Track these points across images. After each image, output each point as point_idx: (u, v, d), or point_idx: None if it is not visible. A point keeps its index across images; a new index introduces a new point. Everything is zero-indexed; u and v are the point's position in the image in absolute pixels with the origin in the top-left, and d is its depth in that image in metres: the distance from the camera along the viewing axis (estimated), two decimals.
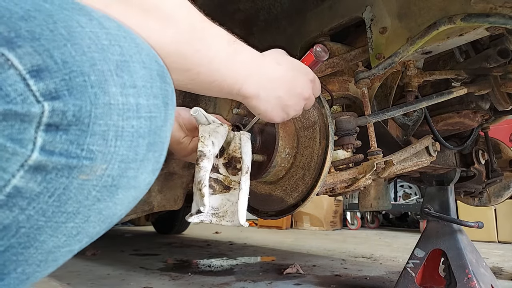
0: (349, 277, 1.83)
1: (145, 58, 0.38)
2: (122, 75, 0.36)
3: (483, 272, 1.29)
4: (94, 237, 0.40)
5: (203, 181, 0.68)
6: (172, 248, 2.97)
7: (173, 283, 1.73)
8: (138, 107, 0.37)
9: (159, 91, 0.39)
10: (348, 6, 1.08)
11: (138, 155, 0.38)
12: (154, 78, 0.39)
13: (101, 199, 0.37)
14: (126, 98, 0.36)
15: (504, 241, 3.20)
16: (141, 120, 0.37)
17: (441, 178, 1.46)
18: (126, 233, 4.28)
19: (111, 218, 0.40)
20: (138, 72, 0.37)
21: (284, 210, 0.92)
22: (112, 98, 0.34)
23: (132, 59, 0.37)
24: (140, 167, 0.39)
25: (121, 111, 0.35)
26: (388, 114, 0.99)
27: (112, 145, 0.35)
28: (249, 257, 2.51)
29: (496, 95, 1.20)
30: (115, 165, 0.36)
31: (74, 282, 1.76)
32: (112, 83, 0.35)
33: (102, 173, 0.35)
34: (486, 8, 0.80)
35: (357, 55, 1.05)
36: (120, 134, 0.36)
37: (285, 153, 0.87)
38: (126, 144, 0.36)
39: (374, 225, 4.82)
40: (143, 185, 0.41)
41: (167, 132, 0.42)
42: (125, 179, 0.37)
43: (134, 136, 0.37)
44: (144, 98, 0.37)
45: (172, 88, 0.42)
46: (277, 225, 4.82)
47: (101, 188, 0.36)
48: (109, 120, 0.34)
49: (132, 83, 0.36)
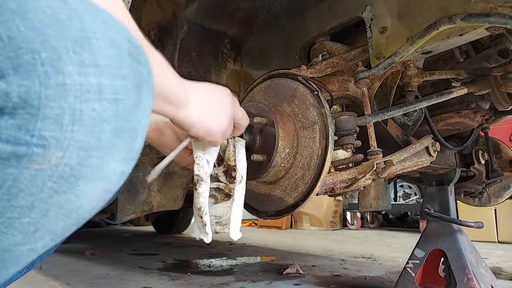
0: (349, 277, 1.82)
1: (114, 36, 0.35)
2: (81, 53, 0.32)
3: (483, 272, 1.29)
4: (60, 234, 0.36)
5: (203, 208, 0.67)
6: (172, 248, 2.97)
7: (172, 283, 1.73)
8: (100, 88, 0.33)
9: (130, 71, 0.36)
10: (348, 6, 1.08)
11: (101, 141, 0.34)
12: (124, 58, 0.35)
13: (60, 191, 0.33)
14: (85, 78, 0.32)
15: (504, 241, 3.20)
16: (104, 103, 0.33)
17: (441, 178, 1.46)
18: (125, 233, 4.28)
19: (77, 212, 0.36)
20: (102, 51, 0.33)
21: (284, 210, 0.92)
22: (67, 78, 0.31)
23: (96, 36, 0.33)
24: (106, 155, 0.35)
25: (78, 92, 0.31)
26: (388, 114, 0.99)
27: (69, 130, 0.31)
28: (248, 257, 2.50)
29: (496, 95, 1.19)
30: (73, 153, 0.32)
31: (73, 282, 1.75)
32: (67, 61, 0.31)
33: (57, 162, 0.32)
34: (486, 8, 0.80)
35: (357, 55, 1.05)
36: (78, 118, 0.32)
37: (285, 153, 0.87)
38: (85, 129, 0.32)
39: (374, 225, 4.82)
40: (114, 176, 0.37)
41: (140, 117, 0.38)
42: (87, 169, 0.34)
43: (96, 120, 0.33)
44: (108, 79, 0.34)
45: (148, 70, 0.39)
46: (276, 225, 4.82)
47: (58, 179, 0.32)
48: (64, 102, 0.31)
49: (93, 62, 0.33)
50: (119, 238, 3.85)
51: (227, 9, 1.37)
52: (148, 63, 0.40)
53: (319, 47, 1.12)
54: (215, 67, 1.49)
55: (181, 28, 1.38)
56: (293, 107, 0.92)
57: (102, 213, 3.70)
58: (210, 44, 1.46)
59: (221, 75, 1.51)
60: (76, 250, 2.70)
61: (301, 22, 1.26)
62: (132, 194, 1.48)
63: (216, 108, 0.66)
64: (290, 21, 1.32)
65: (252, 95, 1.05)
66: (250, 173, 0.89)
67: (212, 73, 1.48)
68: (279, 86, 0.97)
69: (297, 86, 0.93)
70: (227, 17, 1.41)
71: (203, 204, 0.67)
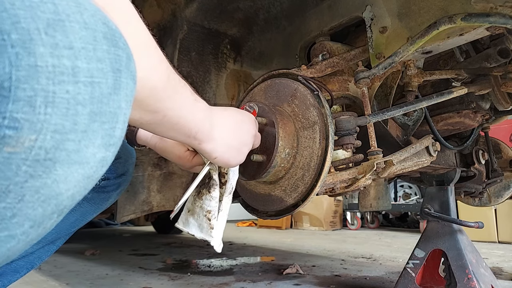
0: (349, 277, 1.82)
1: (88, 19, 0.35)
2: (54, 35, 0.32)
3: (483, 272, 1.29)
4: (40, 221, 0.35)
5: (214, 213, 0.68)
6: (172, 248, 2.97)
7: (172, 283, 1.73)
8: (75, 70, 0.33)
9: (106, 54, 0.36)
10: (348, 6, 1.08)
11: (77, 125, 0.33)
12: (99, 41, 0.35)
13: (35, 175, 0.32)
14: (58, 60, 0.32)
15: (504, 241, 3.19)
16: (79, 85, 0.33)
17: (441, 178, 1.46)
18: (125, 233, 4.28)
19: (56, 198, 0.35)
20: (76, 33, 0.33)
21: (284, 210, 0.92)
22: (39, 59, 0.30)
23: (69, 19, 0.33)
24: (83, 139, 0.34)
25: (51, 74, 0.31)
26: (388, 114, 0.99)
27: (42, 112, 0.31)
28: (248, 257, 2.50)
29: (497, 95, 1.19)
30: (47, 135, 0.32)
31: (72, 282, 1.75)
32: (39, 43, 0.31)
33: (31, 144, 0.31)
34: (486, 8, 0.80)
35: (357, 54, 1.05)
36: (51, 100, 0.31)
37: (285, 153, 0.87)
38: (60, 112, 0.32)
39: (374, 225, 4.81)
40: (93, 161, 0.36)
41: (120, 102, 0.38)
42: (64, 153, 0.33)
43: (71, 103, 0.33)
44: (83, 61, 0.33)
45: (128, 54, 0.39)
46: (276, 225, 4.82)
47: (32, 163, 0.32)
48: (36, 84, 0.30)
49: (67, 44, 0.32)
50: (119, 238, 3.85)
51: (227, 9, 1.37)
52: (128, 48, 0.39)
53: (319, 47, 1.12)
54: (215, 67, 1.49)
55: (181, 28, 1.38)
56: (293, 107, 0.92)
57: (102, 213, 3.69)
58: (210, 44, 1.46)
59: (221, 75, 1.51)
60: (76, 250, 2.70)
61: (301, 22, 1.26)
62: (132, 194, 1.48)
63: (239, 141, 0.71)
64: (290, 21, 1.32)
65: (252, 95, 1.05)
66: (250, 173, 0.89)
67: (212, 73, 1.48)
68: (279, 86, 0.97)
69: (297, 86, 0.93)
70: (227, 17, 1.41)
71: (214, 208, 0.69)
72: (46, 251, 0.95)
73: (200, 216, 0.70)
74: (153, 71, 0.50)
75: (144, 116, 0.53)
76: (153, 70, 0.50)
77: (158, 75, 0.51)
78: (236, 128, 0.71)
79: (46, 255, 0.96)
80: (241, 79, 1.56)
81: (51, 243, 0.96)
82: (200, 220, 0.70)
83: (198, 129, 0.61)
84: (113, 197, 1.02)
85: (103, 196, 0.99)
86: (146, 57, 0.49)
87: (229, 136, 0.68)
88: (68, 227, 0.96)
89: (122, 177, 0.99)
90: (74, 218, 0.96)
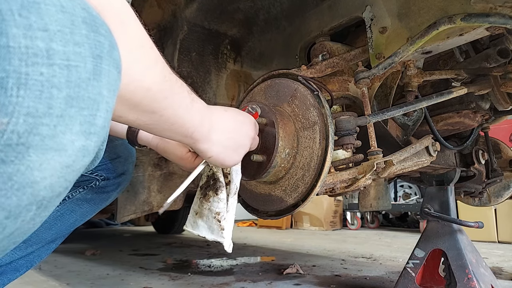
0: (349, 277, 1.82)
1: (66, 3, 0.34)
2: (28, 16, 0.31)
3: (483, 272, 1.29)
4: (16, 212, 0.34)
5: (223, 214, 0.69)
6: (172, 248, 2.97)
7: (172, 283, 1.73)
8: (49, 52, 0.32)
9: (85, 39, 0.35)
10: (348, 6, 1.08)
11: (52, 109, 0.32)
12: (77, 25, 0.34)
13: (7, 161, 0.31)
14: (31, 41, 0.31)
15: (504, 241, 3.19)
16: (54, 68, 0.32)
17: (441, 178, 1.46)
18: (126, 233, 4.28)
19: (31, 187, 0.33)
20: (52, 16, 0.32)
21: (284, 210, 0.92)
22: (11, 40, 0.30)
23: (45, 2, 0.32)
24: (59, 124, 0.33)
25: (24, 55, 0.30)
26: (388, 114, 0.99)
27: (14, 94, 0.30)
28: (248, 257, 2.50)
29: (496, 95, 1.20)
30: (19, 119, 0.30)
31: (73, 282, 1.76)
32: (12, 24, 0.30)
33: (3, 128, 0.30)
34: (486, 8, 0.80)
35: (357, 55, 1.05)
36: (24, 82, 0.30)
37: (285, 154, 0.87)
38: (33, 94, 0.31)
39: (374, 225, 4.81)
40: (71, 149, 0.35)
41: (100, 89, 0.36)
42: (37, 137, 0.32)
43: (45, 85, 0.31)
44: (59, 44, 0.32)
45: (111, 42, 0.38)
46: (277, 225, 4.82)
47: (4, 147, 0.30)
48: (8, 65, 0.29)
49: (42, 26, 0.31)
50: (120, 238, 3.85)
51: (227, 9, 1.37)
52: (111, 35, 0.39)
53: (319, 47, 1.12)
54: (215, 67, 1.49)
55: (181, 28, 1.38)
56: (293, 107, 0.93)
57: (102, 213, 3.70)
58: (210, 44, 1.46)
59: (221, 75, 1.51)
60: (77, 250, 2.70)
61: (301, 22, 1.27)
62: (132, 194, 1.48)
63: (236, 142, 0.70)
64: (290, 21, 1.32)
65: (252, 95, 1.05)
66: (250, 173, 0.89)
67: (212, 73, 1.48)
68: (279, 86, 0.97)
69: (297, 86, 0.93)
70: (227, 17, 1.41)
71: (223, 210, 0.69)
72: (45, 250, 0.96)
73: (209, 218, 0.71)
74: (149, 71, 0.50)
75: (141, 117, 0.52)
76: (149, 70, 0.50)
77: (154, 75, 0.51)
78: (235, 129, 0.71)
79: (45, 254, 0.96)
80: (241, 79, 1.56)
81: (50, 242, 0.96)
82: (210, 222, 0.71)
83: (195, 129, 0.61)
84: (113, 197, 1.02)
85: (103, 196, 0.99)
86: (141, 57, 0.49)
87: (226, 137, 0.68)
88: (68, 227, 0.96)
89: (122, 177, 1.00)
90: (74, 219, 0.96)
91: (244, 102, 1.06)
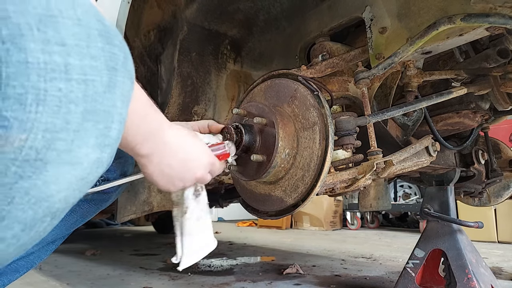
0: (349, 277, 1.83)
1: (82, 15, 0.33)
2: (46, 31, 0.30)
3: (483, 272, 1.29)
4: (31, 224, 0.33)
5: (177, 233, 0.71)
6: (172, 248, 2.96)
7: (172, 283, 1.73)
8: (67, 67, 0.31)
9: (100, 52, 0.34)
10: (348, 6, 1.08)
11: (70, 124, 0.32)
12: (93, 38, 0.34)
13: (25, 176, 0.31)
14: (49, 57, 0.30)
15: (504, 241, 3.19)
16: (71, 83, 0.32)
17: (441, 178, 1.46)
18: (126, 233, 4.28)
19: (47, 201, 0.33)
20: (69, 29, 0.32)
21: (284, 210, 0.92)
22: (29, 56, 0.29)
23: (62, 15, 0.32)
24: (75, 139, 0.33)
25: (42, 71, 0.30)
26: (388, 114, 0.99)
27: (32, 111, 0.29)
28: (249, 257, 2.51)
29: (496, 95, 1.20)
30: (38, 135, 0.30)
31: (73, 282, 1.76)
32: (30, 39, 0.29)
33: (21, 144, 0.30)
34: (486, 8, 0.80)
35: (356, 55, 1.05)
36: (43, 98, 0.30)
37: (285, 154, 0.87)
38: (51, 110, 0.31)
39: (374, 225, 4.81)
40: (86, 162, 0.35)
41: (115, 101, 0.36)
42: (54, 153, 0.32)
43: (63, 101, 0.31)
44: (76, 58, 0.32)
45: (125, 53, 0.38)
46: (277, 225, 4.82)
47: (22, 163, 0.30)
48: (26, 81, 0.29)
49: (59, 41, 0.31)
50: (120, 238, 3.85)
51: (227, 10, 1.37)
52: (125, 46, 0.38)
53: (319, 47, 1.12)
54: (215, 68, 1.49)
55: (181, 28, 1.38)
56: (293, 107, 0.93)
57: (102, 213, 3.70)
58: (210, 45, 1.46)
59: (221, 75, 1.51)
60: (77, 250, 2.71)
61: (301, 22, 1.27)
62: (132, 194, 1.48)
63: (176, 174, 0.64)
64: (290, 21, 1.32)
65: (252, 95, 1.05)
66: (250, 173, 0.89)
67: (212, 73, 1.48)
68: (279, 87, 0.98)
69: (297, 86, 0.93)
70: (227, 18, 1.41)
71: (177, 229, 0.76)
72: (46, 250, 0.96)
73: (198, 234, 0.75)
74: None
75: None
76: None
77: None
78: (179, 163, 0.64)
79: (45, 255, 0.96)
80: (241, 79, 1.56)
81: (51, 242, 0.96)
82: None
83: (136, 144, 0.55)
84: (113, 197, 1.02)
85: (103, 197, 0.99)
86: None
87: (167, 163, 0.62)
88: (68, 228, 0.96)
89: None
90: (74, 219, 0.96)
91: (244, 102, 1.06)
